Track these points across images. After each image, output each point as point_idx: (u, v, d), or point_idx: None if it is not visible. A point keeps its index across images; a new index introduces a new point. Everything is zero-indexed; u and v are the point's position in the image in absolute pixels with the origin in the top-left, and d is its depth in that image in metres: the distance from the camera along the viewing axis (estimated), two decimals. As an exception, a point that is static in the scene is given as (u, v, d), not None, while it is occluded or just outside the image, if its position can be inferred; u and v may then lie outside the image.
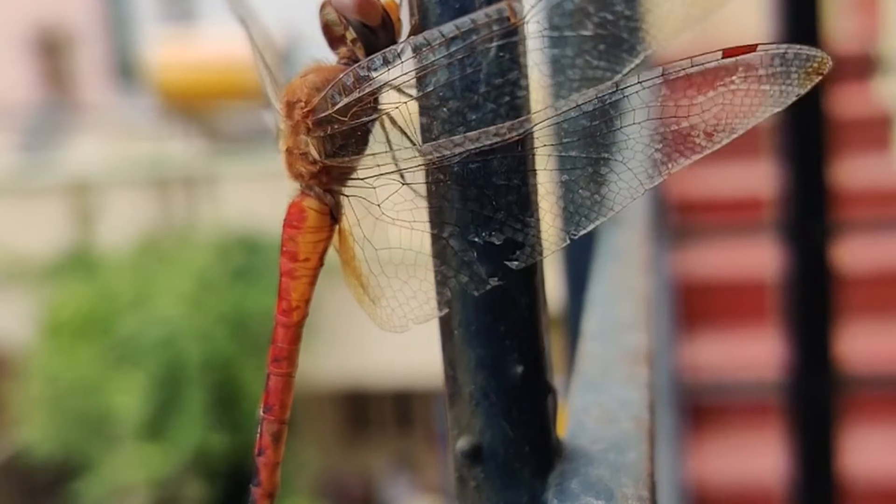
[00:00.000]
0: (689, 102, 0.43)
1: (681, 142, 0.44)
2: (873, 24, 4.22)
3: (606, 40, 0.50)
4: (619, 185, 0.45)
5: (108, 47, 10.69)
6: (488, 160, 0.44)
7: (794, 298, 1.97)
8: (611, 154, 0.44)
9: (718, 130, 0.43)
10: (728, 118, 0.43)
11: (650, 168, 0.44)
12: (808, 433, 1.95)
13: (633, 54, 0.50)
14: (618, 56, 0.50)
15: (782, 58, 0.42)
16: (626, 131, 0.44)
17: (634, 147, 0.44)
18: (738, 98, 0.43)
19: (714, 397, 2.70)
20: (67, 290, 6.72)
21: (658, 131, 0.44)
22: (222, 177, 7.09)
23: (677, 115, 0.43)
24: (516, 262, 0.44)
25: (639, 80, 0.43)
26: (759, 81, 0.43)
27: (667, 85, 0.43)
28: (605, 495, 0.45)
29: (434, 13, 0.44)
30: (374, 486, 8.32)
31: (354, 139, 0.49)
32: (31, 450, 6.62)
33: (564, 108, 0.44)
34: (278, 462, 0.52)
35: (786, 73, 0.43)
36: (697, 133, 0.44)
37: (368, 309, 0.50)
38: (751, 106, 0.43)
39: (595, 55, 0.50)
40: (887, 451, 2.48)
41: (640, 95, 0.43)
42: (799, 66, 0.43)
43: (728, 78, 0.43)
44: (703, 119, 0.43)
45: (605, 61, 0.50)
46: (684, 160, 0.44)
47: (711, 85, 0.43)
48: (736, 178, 3.17)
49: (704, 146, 0.44)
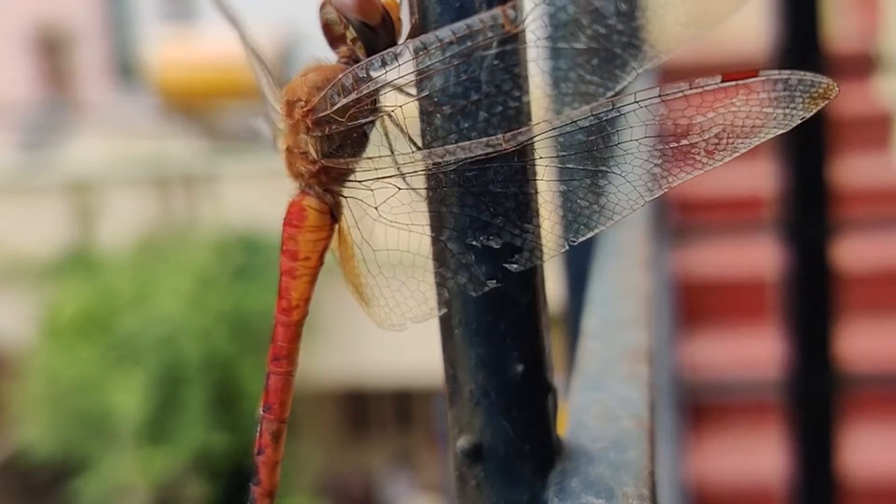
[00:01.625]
0: (688, 122, 0.43)
1: (681, 158, 0.43)
2: (873, 22, 4.21)
3: (600, 55, 0.50)
4: (619, 197, 0.45)
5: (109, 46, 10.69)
6: (485, 168, 0.44)
7: (794, 297, 1.97)
8: (609, 167, 0.44)
9: (720, 149, 0.43)
10: (729, 138, 0.43)
11: (650, 181, 0.44)
12: (808, 432, 1.95)
13: (626, 71, 0.50)
14: (611, 72, 0.50)
15: (785, 83, 0.42)
16: (623, 147, 0.44)
17: (633, 161, 0.44)
18: (739, 119, 0.42)
19: (714, 396, 2.70)
20: (67, 289, 6.72)
21: (657, 148, 0.44)
22: (222, 176, 7.09)
23: (676, 134, 0.43)
24: (515, 265, 0.44)
25: (636, 100, 0.43)
26: (761, 104, 0.42)
27: (664, 105, 0.43)
28: (605, 494, 0.45)
29: (434, 12, 0.44)
30: (373, 485, 8.32)
31: (352, 140, 0.49)
32: (31, 449, 6.62)
33: (560, 123, 0.44)
34: (278, 461, 0.52)
35: (789, 97, 0.42)
36: (698, 151, 0.43)
37: (366, 308, 0.50)
38: (753, 127, 0.42)
39: (588, 69, 0.50)
40: (887, 450, 2.49)
41: (637, 114, 0.43)
42: (803, 91, 0.42)
43: (728, 100, 0.42)
44: (704, 138, 0.43)
45: (598, 76, 0.50)
46: (685, 175, 0.44)
47: (711, 106, 0.42)
48: (736, 177, 3.17)
49: (706, 163, 0.43)
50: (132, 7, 10.55)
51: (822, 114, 1.87)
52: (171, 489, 6.49)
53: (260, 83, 0.53)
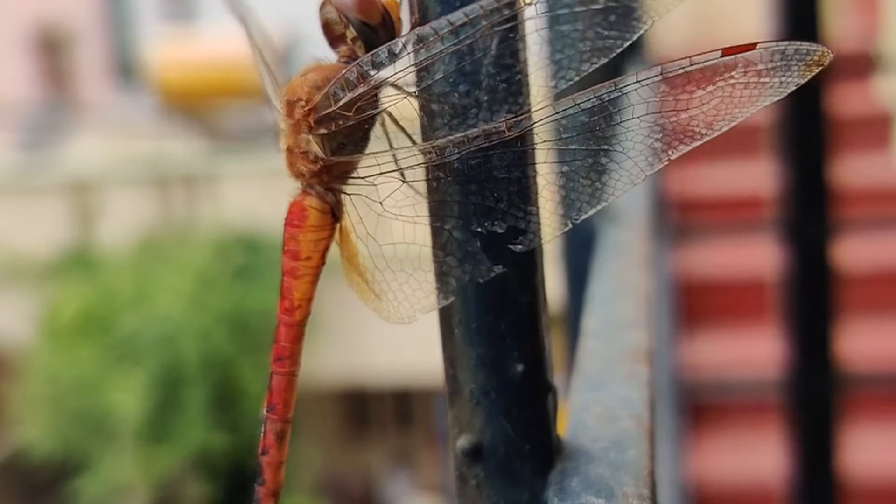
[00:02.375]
0: (689, 97, 0.44)
1: (680, 131, 0.44)
2: (873, 22, 4.21)
3: (617, 11, 0.50)
4: (620, 173, 0.45)
5: (109, 46, 10.68)
6: (488, 155, 0.44)
7: (794, 297, 1.97)
8: (610, 146, 0.45)
9: (718, 119, 0.44)
10: (728, 108, 0.43)
11: (650, 156, 0.45)
12: (808, 431, 1.95)
13: (643, 21, 0.50)
14: (628, 25, 0.50)
15: (782, 54, 0.43)
16: (625, 125, 0.44)
17: (634, 138, 0.45)
18: (737, 90, 0.43)
19: (714, 395, 2.70)
20: (67, 289, 6.72)
21: (658, 123, 0.44)
22: (222, 176, 7.09)
23: (677, 109, 0.44)
24: (520, 246, 0.45)
25: (637, 80, 0.43)
26: (758, 75, 0.43)
27: (666, 82, 0.44)
28: (605, 494, 0.45)
29: (434, 12, 0.44)
30: (374, 485, 8.31)
31: (355, 137, 0.49)
32: (31, 448, 6.62)
33: (562, 106, 0.44)
34: (282, 461, 0.52)
35: (786, 66, 0.43)
36: (697, 123, 0.44)
37: (373, 304, 0.50)
38: (750, 97, 0.43)
39: (606, 25, 0.50)
40: (887, 450, 2.49)
41: (638, 93, 0.44)
42: (799, 60, 0.43)
43: (727, 73, 0.43)
44: (703, 110, 0.44)
45: (616, 31, 0.50)
46: (684, 147, 0.44)
47: (711, 80, 0.43)
48: (736, 177, 3.18)
49: (704, 134, 0.44)
50: (132, 7, 10.55)
51: (823, 114, 1.87)
52: (171, 489, 6.49)
53: (263, 82, 0.53)
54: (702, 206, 3.21)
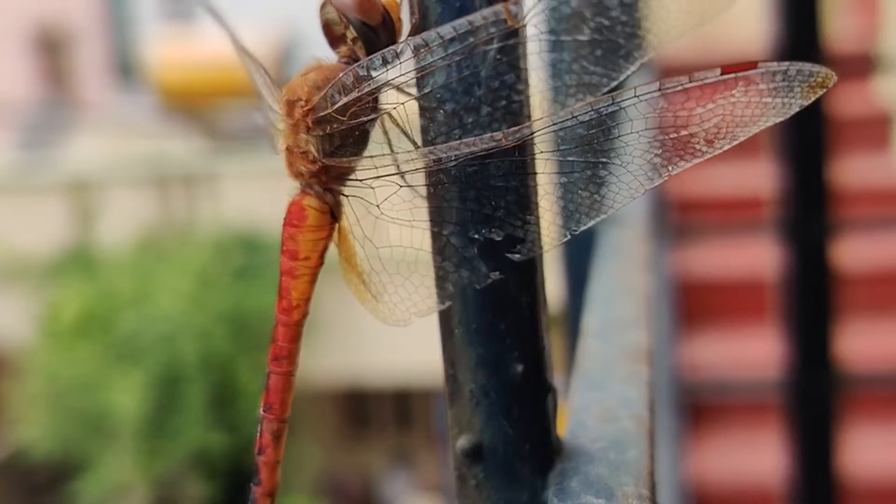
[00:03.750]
0: (688, 113, 0.43)
1: (681, 148, 0.44)
2: (873, 23, 4.22)
3: (603, 45, 0.50)
4: (619, 186, 0.45)
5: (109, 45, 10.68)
6: (486, 163, 0.44)
7: (794, 297, 1.97)
8: (609, 159, 0.45)
9: (719, 138, 0.43)
10: (729, 127, 0.43)
11: (650, 170, 0.45)
12: (808, 432, 1.95)
13: (629, 61, 0.50)
14: (614, 62, 0.50)
15: (784, 74, 0.42)
16: (624, 139, 0.44)
17: (633, 152, 0.44)
18: (738, 109, 0.43)
19: (714, 396, 2.70)
20: (67, 289, 6.72)
21: (657, 138, 0.44)
22: (222, 175, 7.09)
23: (676, 125, 0.44)
24: (518, 255, 0.45)
25: (636, 94, 0.43)
26: (760, 95, 0.43)
27: (664, 98, 0.43)
28: (605, 494, 0.45)
29: (434, 12, 0.44)
30: (373, 485, 8.32)
31: (353, 139, 0.49)
32: (31, 448, 6.62)
33: (560, 118, 0.44)
34: (279, 461, 0.52)
35: (788, 87, 0.43)
36: (697, 140, 0.44)
37: (370, 305, 0.50)
38: (752, 116, 0.43)
39: (591, 60, 0.50)
40: (887, 450, 2.49)
41: (637, 108, 0.44)
42: (802, 81, 0.42)
43: (728, 92, 0.43)
44: (703, 128, 0.43)
45: (601, 67, 0.50)
46: (685, 163, 0.44)
47: (710, 97, 0.43)
48: (736, 177, 3.17)
49: (705, 151, 0.44)
50: (132, 7, 10.55)
51: (822, 114, 1.87)
52: (170, 488, 6.49)
53: (256, 84, 0.53)
54: (701, 206, 3.21)
